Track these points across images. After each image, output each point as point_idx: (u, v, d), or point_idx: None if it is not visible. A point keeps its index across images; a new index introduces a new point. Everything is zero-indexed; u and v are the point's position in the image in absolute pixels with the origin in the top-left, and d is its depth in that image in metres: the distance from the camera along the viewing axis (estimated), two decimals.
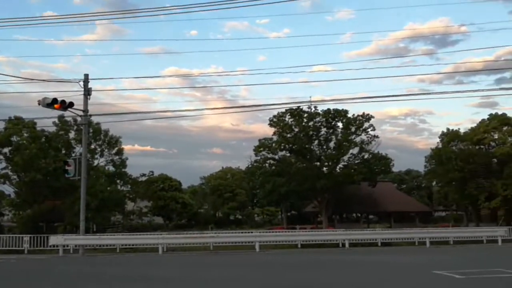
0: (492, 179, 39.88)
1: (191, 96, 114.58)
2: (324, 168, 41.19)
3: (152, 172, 51.07)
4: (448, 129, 45.22)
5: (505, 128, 42.27)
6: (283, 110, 40.69)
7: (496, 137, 42.34)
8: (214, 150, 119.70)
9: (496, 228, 27.63)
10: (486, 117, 44.42)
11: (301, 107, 40.36)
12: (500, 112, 44.46)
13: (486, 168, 41.76)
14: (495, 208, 40.31)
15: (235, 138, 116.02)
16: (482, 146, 43.20)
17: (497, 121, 42.47)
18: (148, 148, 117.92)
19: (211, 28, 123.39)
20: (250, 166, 45.76)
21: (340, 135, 40.71)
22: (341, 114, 40.70)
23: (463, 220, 50.12)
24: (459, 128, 45.91)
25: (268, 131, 43.03)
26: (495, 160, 42.00)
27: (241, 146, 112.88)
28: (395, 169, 52.30)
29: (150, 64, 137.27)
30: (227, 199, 57.85)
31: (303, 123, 40.50)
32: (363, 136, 40.88)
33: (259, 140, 41.99)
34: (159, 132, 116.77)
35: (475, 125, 45.09)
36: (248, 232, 26.82)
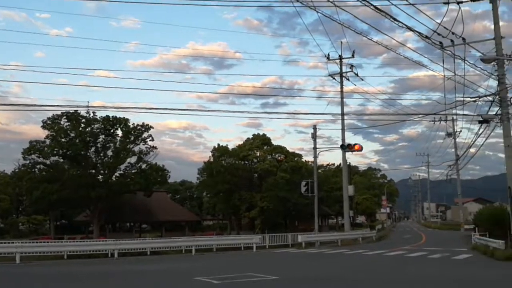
0: (253, 192, 45.11)
1: None
2: (100, 176, 40.42)
3: None
4: (219, 144, 49.37)
5: (265, 147, 48.41)
6: (59, 112, 38.80)
7: (258, 154, 48.10)
8: None
9: (253, 235, 31.41)
10: (251, 136, 50.13)
11: (79, 111, 39.05)
12: (262, 133, 50.72)
13: (249, 181, 47.05)
14: (253, 218, 45.58)
15: (3, 139, 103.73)
16: (246, 162, 48.48)
17: (260, 140, 48.33)
18: None
19: None
20: (17, 170, 41.98)
21: (118, 143, 40.55)
22: (121, 122, 40.63)
23: (227, 228, 54.92)
24: (227, 144, 50.54)
25: (41, 133, 40.25)
26: (256, 175, 47.66)
27: (9, 148, 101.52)
28: (171, 179, 54.42)
29: None
30: None
31: (80, 128, 39.14)
32: (142, 146, 41.53)
33: (30, 142, 38.99)
34: None
35: (242, 142, 50.41)
36: (9, 243, 24.65)
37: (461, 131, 59.91)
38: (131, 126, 40.80)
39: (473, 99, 24.73)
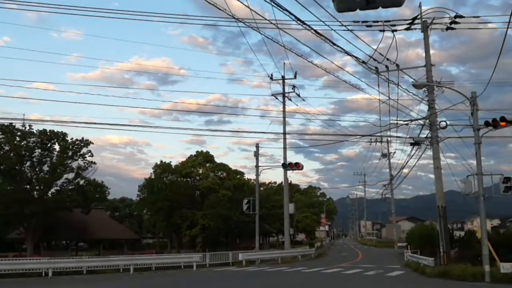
0: (195, 210, 44.89)
1: None
2: (35, 192, 38.82)
3: None
4: (161, 161, 48.90)
5: (208, 164, 48.47)
6: None
7: (201, 171, 48.06)
8: None
9: (193, 254, 31.28)
10: (194, 152, 50.06)
11: (14, 124, 37.49)
12: (206, 150, 50.87)
13: (191, 199, 46.82)
14: (194, 236, 45.27)
15: None
16: (189, 179, 48.26)
17: (203, 158, 48.37)
18: None
19: None
20: None
21: (55, 158, 39.22)
22: (59, 136, 39.38)
23: (168, 247, 54.14)
24: (170, 161, 50.14)
25: None
26: (198, 192, 47.51)
27: None
28: (111, 196, 53.06)
29: None
30: None
31: (15, 142, 37.56)
32: (80, 162, 40.36)
33: None
34: None
35: (185, 159, 50.21)
36: None
37: (395, 152, 62.55)
38: (70, 141, 39.61)
39: (406, 122, 26.28)
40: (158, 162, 48.69)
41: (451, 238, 27.44)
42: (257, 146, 38.10)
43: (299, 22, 15.73)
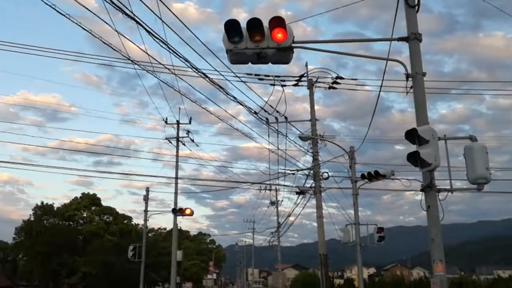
0: (76, 256, 42.13)
1: None
2: None
3: None
4: (43, 202, 45.74)
5: (94, 208, 46.23)
6: None
7: (85, 215, 45.63)
8: None
9: None
10: (80, 194, 47.51)
11: None
12: (93, 192, 48.55)
13: (72, 244, 43.93)
14: (74, 285, 42.29)
15: None
16: (72, 223, 45.48)
17: (88, 200, 46.09)
18: None
19: None
20: None
21: None
22: None
23: None
24: (53, 203, 47.10)
25: None
26: (81, 237, 44.82)
27: None
28: None
29: None
30: None
31: None
32: None
33: None
34: None
35: (69, 201, 47.39)
36: None
37: (283, 200, 64.65)
38: None
39: (292, 171, 27.69)
40: (39, 203, 45.48)
41: (331, 285, 28.77)
42: (147, 189, 37.25)
43: (195, 69, 16.31)
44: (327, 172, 25.52)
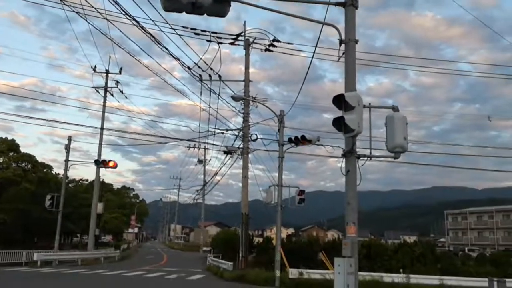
0: None
1: None
2: None
3: None
4: None
5: (11, 154, 43.71)
6: None
7: (2, 160, 43.09)
8: None
9: None
10: None
11: None
12: (12, 137, 45.75)
13: None
14: None
15: None
16: None
17: (6, 145, 43.43)
18: None
19: None
20: None
21: None
22: None
23: None
24: None
25: None
26: None
27: None
28: None
29: None
30: None
31: None
32: None
33: None
34: None
35: None
36: None
37: (210, 159, 65.04)
38: None
39: (222, 131, 27.74)
40: None
41: (250, 243, 29.54)
42: (69, 138, 35.91)
43: (128, 17, 15.51)
44: (256, 134, 25.84)
